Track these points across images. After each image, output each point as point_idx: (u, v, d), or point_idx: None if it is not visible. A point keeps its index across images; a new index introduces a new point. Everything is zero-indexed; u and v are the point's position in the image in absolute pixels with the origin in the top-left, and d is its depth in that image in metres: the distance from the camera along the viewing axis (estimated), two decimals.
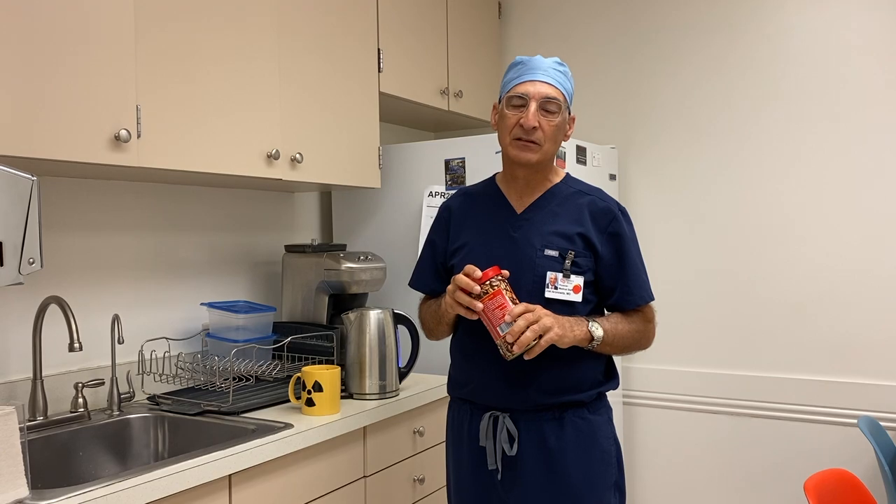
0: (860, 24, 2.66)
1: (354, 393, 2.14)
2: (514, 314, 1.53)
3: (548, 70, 1.67)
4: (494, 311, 1.54)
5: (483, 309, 1.55)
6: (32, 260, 1.48)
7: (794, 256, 2.78)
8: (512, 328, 1.52)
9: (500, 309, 1.53)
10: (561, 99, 1.67)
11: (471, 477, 1.74)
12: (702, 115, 2.94)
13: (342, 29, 2.39)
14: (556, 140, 1.69)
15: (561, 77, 1.69)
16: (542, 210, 1.72)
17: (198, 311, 2.33)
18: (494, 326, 1.55)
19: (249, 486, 1.67)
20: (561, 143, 1.73)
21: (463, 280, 1.57)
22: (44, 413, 1.83)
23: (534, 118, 1.63)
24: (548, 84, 1.66)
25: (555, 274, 1.64)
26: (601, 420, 1.71)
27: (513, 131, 1.67)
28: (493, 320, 1.55)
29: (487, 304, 1.55)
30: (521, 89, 1.66)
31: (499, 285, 1.55)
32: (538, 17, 3.28)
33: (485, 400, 1.71)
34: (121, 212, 2.14)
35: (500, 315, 1.53)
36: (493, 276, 1.56)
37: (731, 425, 2.89)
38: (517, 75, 1.69)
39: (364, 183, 2.50)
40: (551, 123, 1.66)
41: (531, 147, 1.66)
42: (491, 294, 1.55)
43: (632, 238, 1.73)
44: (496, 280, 1.55)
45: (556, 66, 1.70)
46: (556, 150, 1.71)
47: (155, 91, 1.80)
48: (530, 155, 1.67)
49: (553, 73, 1.68)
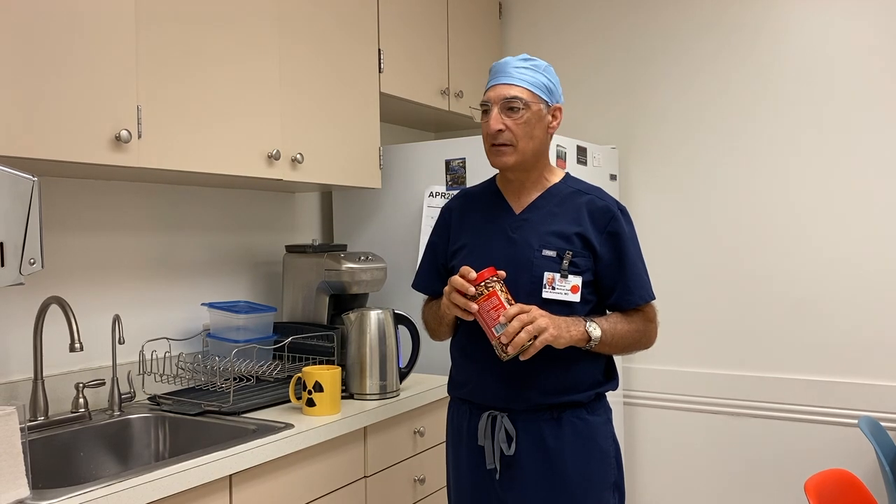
0: (860, 22, 2.66)
1: (355, 393, 2.14)
2: (508, 315, 1.53)
3: (508, 70, 1.68)
4: (490, 312, 1.54)
5: (478, 310, 1.56)
6: (33, 260, 1.48)
7: (794, 256, 2.78)
8: (506, 329, 1.52)
9: (495, 310, 1.54)
10: (524, 95, 1.65)
11: (469, 476, 1.75)
12: (702, 115, 2.94)
13: (343, 29, 2.39)
14: (531, 136, 1.67)
15: (525, 73, 1.67)
16: (540, 210, 1.72)
17: (198, 311, 2.33)
18: (490, 327, 1.55)
19: (250, 487, 1.67)
20: (544, 137, 1.71)
21: (458, 281, 1.58)
22: (45, 413, 1.83)
23: (496, 122, 1.65)
24: (508, 84, 1.66)
25: (552, 274, 1.64)
26: (600, 420, 1.71)
27: (487, 138, 1.69)
28: (488, 321, 1.55)
29: (482, 306, 1.55)
30: (485, 97, 1.70)
31: (494, 286, 1.55)
32: (538, 16, 3.29)
33: (483, 400, 1.71)
34: (121, 212, 2.14)
35: (495, 316, 1.54)
36: (488, 277, 1.56)
37: (732, 425, 2.89)
38: (487, 83, 1.72)
39: (365, 183, 2.51)
40: (518, 121, 1.65)
41: (503, 150, 1.67)
42: (486, 295, 1.55)
43: (631, 237, 1.72)
44: (491, 281, 1.56)
45: (520, 62, 1.68)
46: (537, 146, 1.69)
47: (155, 91, 1.80)
48: (505, 158, 1.68)
49: (514, 71, 1.67)
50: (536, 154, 1.71)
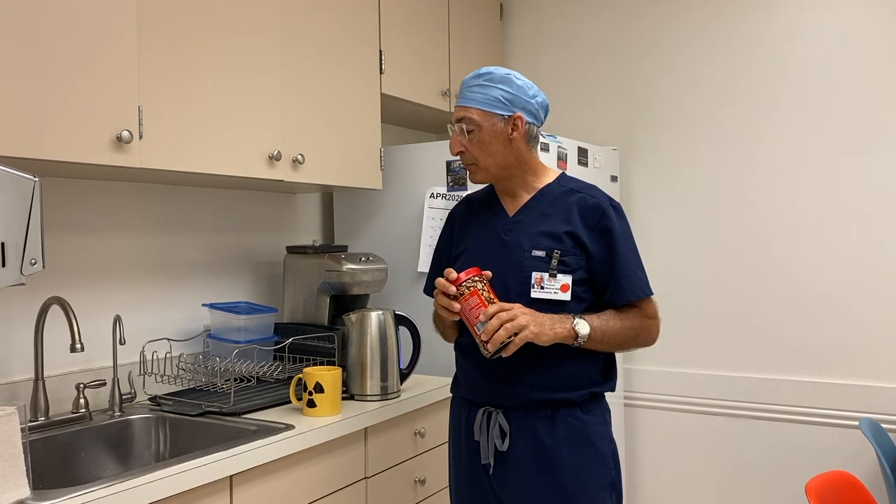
0: (863, 24, 2.66)
1: (355, 394, 2.14)
2: (488, 314, 1.57)
3: (462, 91, 1.74)
4: (471, 310, 1.59)
5: (461, 309, 1.60)
6: (34, 261, 1.48)
7: (795, 258, 2.78)
8: (486, 326, 1.56)
9: (476, 308, 1.58)
10: (475, 115, 1.69)
11: (467, 473, 1.77)
12: (703, 116, 2.94)
13: (344, 30, 2.39)
14: (490, 151, 1.70)
15: (476, 91, 1.70)
16: (532, 211, 1.74)
17: (199, 311, 2.33)
18: (472, 325, 1.60)
19: (250, 487, 1.67)
20: (506, 149, 1.71)
21: (441, 283, 1.62)
22: (45, 414, 1.83)
23: (454, 145, 1.75)
24: (461, 106, 1.73)
25: (540, 274, 1.66)
26: (595, 420, 1.71)
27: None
28: (470, 319, 1.60)
29: (464, 305, 1.60)
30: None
31: (474, 286, 1.60)
32: (539, 18, 3.29)
33: (478, 397, 1.74)
34: (122, 212, 2.14)
35: (476, 314, 1.58)
36: (469, 277, 1.60)
37: (733, 427, 2.89)
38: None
39: (365, 184, 2.51)
40: (472, 142, 1.71)
41: (470, 169, 1.76)
42: (467, 295, 1.59)
43: (623, 233, 1.71)
44: (471, 281, 1.60)
45: (473, 80, 1.72)
46: (500, 160, 1.71)
47: (157, 92, 1.80)
48: (473, 177, 1.77)
49: (466, 91, 1.72)
50: (504, 166, 1.73)
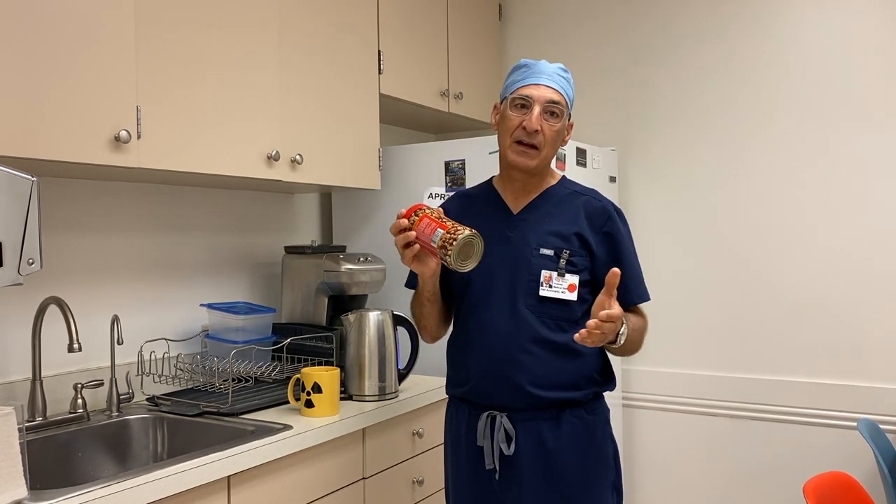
0: (862, 24, 2.66)
1: (354, 394, 2.14)
2: (613, 316, 1.48)
3: (552, 75, 1.69)
4: (424, 231, 1.60)
5: (416, 236, 1.61)
6: (32, 260, 1.48)
7: (793, 259, 2.78)
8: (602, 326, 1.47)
9: (428, 227, 1.60)
10: (564, 104, 1.69)
11: (468, 477, 1.75)
12: (702, 117, 2.94)
13: (343, 30, 2.39)
14: (554, 145, 1.71)
15: (564, 83, 1.71)
16: (538, 211, 1.74)
17: (197, 312, 2.33)
18: (428, 243, 1.60)
19: (248, 488, 1.67)
20: (558, 148, 1.75)
21: (394, 225, 1.62)
22: (43, 414, 1.83)
23: (537, 121, 1.65)
24: (552, 89, 1.68)
25: (549, 273, 1.66)
26: (598, 420, 1.72)
27: (514, 133, 1.68)
28: (425, 240, 1.60)
29: (419, 231, 1.61)
30: (525, 92, 1.67)
31: (423, 213, 1.62)
32: (538, 18, 3.29)
33: (482, 399, 1.71)
34: (121, 212, 2.14)
35: (429, 233, 1.59)
36: (417, 208, 1.63)
37: (731, 428, 2.89)
38: (521, 78, 1.70)
39: (364, 184, 2.50)
40: (553, 128, 1.67)
41: (530, 153, 1.68)
42: (418, 221, 1.61)
43: (627, 238, 1.74)
44: (420, 210, 1.63)
45: (561, 71, 1.72)
46: (553, 154, 1.73)
47: (155, 92, 1.80)
48: (529, 161, 1.69)
49: (557, 78, 1.70)
50: (548, 162, 1.75)
